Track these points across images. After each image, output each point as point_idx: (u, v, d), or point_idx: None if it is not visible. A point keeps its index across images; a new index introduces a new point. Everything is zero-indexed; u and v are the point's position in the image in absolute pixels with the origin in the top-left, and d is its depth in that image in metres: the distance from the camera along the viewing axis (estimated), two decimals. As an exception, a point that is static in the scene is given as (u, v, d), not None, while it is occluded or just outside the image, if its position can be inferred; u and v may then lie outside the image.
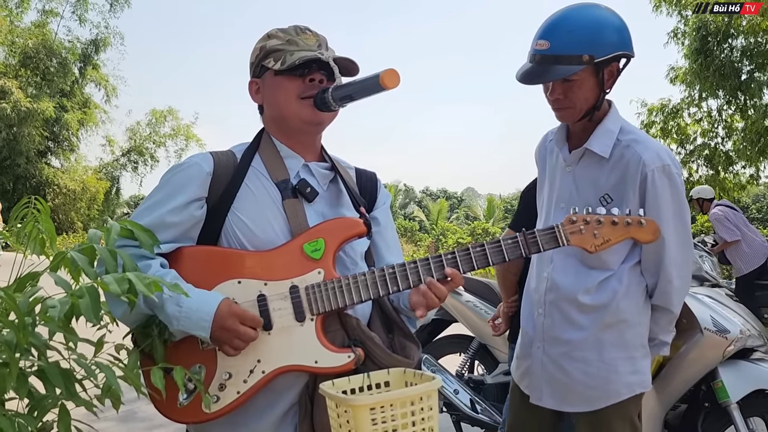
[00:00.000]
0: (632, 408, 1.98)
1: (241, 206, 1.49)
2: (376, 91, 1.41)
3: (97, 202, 24.70)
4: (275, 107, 1.53)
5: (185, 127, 27.16)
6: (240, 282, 1.42)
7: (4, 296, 1.00)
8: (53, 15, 23.40)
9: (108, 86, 24.87)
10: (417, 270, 1.44)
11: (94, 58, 24.30)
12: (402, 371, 1.36)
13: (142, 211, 1.48)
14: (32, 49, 22.11)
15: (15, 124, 20.89)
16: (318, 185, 1.55)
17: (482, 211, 36.70)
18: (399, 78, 1.38)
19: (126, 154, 27.15)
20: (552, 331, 2.01)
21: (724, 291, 3.01)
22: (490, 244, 1.45)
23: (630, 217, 1.49)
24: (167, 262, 1.45)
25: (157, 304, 1.34)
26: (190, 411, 1.39)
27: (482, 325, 3.41)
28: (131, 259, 1.27)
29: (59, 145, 24.46)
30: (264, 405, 1.43)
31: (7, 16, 22.05)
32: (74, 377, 1.18)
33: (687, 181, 13.48)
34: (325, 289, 1.41)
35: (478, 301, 3.51)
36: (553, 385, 2.01)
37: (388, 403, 1.19)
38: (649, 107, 13.68)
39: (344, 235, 1.46)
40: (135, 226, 1.33)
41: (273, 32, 1.54)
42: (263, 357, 1.39)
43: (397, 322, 1.55)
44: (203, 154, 1.54)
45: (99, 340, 1.27)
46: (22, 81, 21.97)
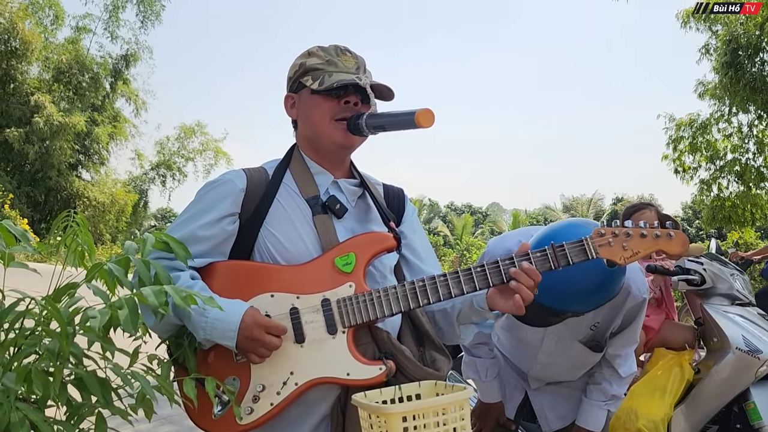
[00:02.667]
0: None
1: (273, 222, 1.52)
2: (409, 127, 1.44)
3: (126, 215, 25.05)
4: (309, 125, 1.56)
5: (214, 142, 27.51)
6: (273, 296, 1.44)
7: (47, 306, 1.03)
8: (86, 31, 23.95)
9: (138, 101, 25.32)
10: (447, 283, 1.44)
11: (124, 73, 24.77)
12: (433, 384, 1.37)
13: (176, 226, 1.52)
14: (65, 65, 22.62)
15: (47, 138, 21.35)
16: (347, 201, 1.58)
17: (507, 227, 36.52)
18: (434, 118, 1.41)
19: (155, 168, 27.57)
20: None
21: (756, 310, 2.96)
22: (520, 256, 1.45)
23: (659, 230, 1.48)
24: (197, 273, 1.47)
25: (185, 314, 1.37)
26: (225, 423, 1.41)
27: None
28: (165, 271, 1.30)
29: (89, 159, 24.91)
30: (297, 417, 1.45)
31: (41, 32, 22.63)
32: (110, 386, 1.20)
33: (717, 198, 13.30)
34: (356, 302, 1.42)
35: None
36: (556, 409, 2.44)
37: (420, 412, 1.20)
38: (677, 122, 13.54)
39: (375, 249, 1.48)
40: (169, 238, 1.36)
41: (314, 50, 1.57)
42: (296, 369, 1.40)
43: (429, 334, 1.56)
44: (237, 171, 1.57)
45: (135, 351, 1.29)
46: (55, 96, 22.48)
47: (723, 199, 13.09)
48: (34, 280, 1.23)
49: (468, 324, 1.59)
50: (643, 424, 2.72)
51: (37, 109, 21.40)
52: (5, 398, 0.97)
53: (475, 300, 1.52)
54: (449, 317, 1.61)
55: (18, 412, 0.97)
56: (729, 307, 2.91)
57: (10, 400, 0.97)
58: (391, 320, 1.51)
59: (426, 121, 1.41)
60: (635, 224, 1.49)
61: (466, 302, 1.55)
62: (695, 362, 2.94)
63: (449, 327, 1.62)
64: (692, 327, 3.08)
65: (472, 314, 1.55)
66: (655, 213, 3.10)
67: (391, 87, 1.54)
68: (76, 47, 23.38)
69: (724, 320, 2.83)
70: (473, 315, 1.55)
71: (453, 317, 1.60)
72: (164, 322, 1.38)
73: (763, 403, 2.70)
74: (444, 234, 33.58)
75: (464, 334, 1.62)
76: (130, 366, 1.25)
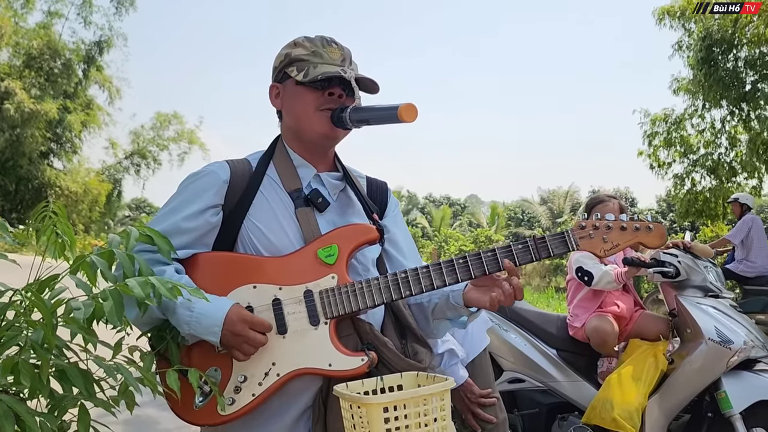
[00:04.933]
0: None
1: (256, 214, 1.51)
2: (392, 122, 1.44)
3: (99, 205, 24.72)
4: (293, 116, 1.56)
5: (189, 131, 27.21)
6: (255, 287, 1.44)
7: (31, 297, 1.02)
8: (58, 16, 23.51)
9: (112, 88, 24.93)
10: (429, 274, 1.45)
11: (98, 60, 24.38)
12: (415, 375, 1.39)
13: (159, 218, 1.51)
14: (36, 50, 22.17)
15: (18, 125, 20.94)
16: (329, 195, 1.57)
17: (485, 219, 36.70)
18: (417, 113, 1.41)
19: (129, 156, 27.21)
20: None
21: (728, 302, 3.03)
22: (501, 249, 1.47)
23: (638, 222, 1.50)
24: (183, 267, 1.47)
25: (170, 309, 1.37)
26: (206, 413, 1.41)
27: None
28: (147, 265, 1.29)
29: (62, 147, 24.50)
30: (278, 408, 1.45)
31: (11, 17, 22.12)
32: (92, 378, 1.19)
33: (690, 192, 13.49)
34: (338, 293, 1.43)
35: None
36: None
37: (401, 403, 1.21)
38: (652, 117, 13.70)
39: (357, 241, 1.48)
40: (153, 232, 1.35)
41: (299, 41, 1.56)
42: (278, 360, 1.41)
43: (411, 327, 1.57)
44: (220, 162, 1.56)
45: (117, 343, 1.28)
46: (26, 82, 22.02)
47: (696, 193, 13.27)
48: (10, 271, 1.21)
49: (442, 320, 1.60)
50: (618, 413, 2.77)
51: (8, 96, 20.97)
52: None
53: (451, 295, 1.54)
54: (425, 311, 1.62)
55: (2, 404, 0.96)
56: (702, 299, 2.97)
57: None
58: (373, 313, 1.52)
59: (409, 116, 1.41)
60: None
61: (442, 297, 1.57)
62: (669, 353, 3.00)
63: (424, 321, 1.63)
64: (666, 318, 3.15)
65: (447, 309, 1.56)
66: (618, 205, 3.17)
67: (376, 80, 1.54)
68: (47, 32, 22.92)
69: (697, 311, 2.89)
70: (448, 310, 1.56)
71: (429, 311, 1.61)
72: (147, 315, 1.36)
73: (734, 392, 2.76)
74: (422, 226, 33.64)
75: (437, 329, 1.63)
76: (113, 358, 1.24)
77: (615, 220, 1.50)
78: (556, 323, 3.32)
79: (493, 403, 2.14)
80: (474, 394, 2.12)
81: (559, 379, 3.14)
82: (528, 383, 3.22)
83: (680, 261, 2.96)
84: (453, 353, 2.03)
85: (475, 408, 2.12)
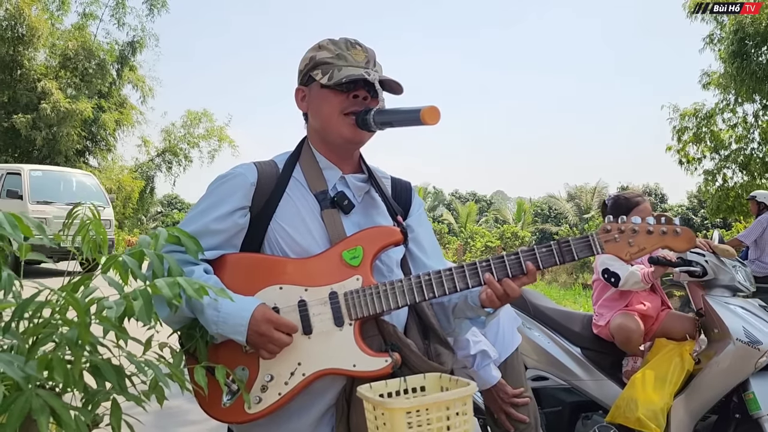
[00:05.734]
0: None
1: (282, 215, 1.55)
2: (415, 124, 1.46)
3: (132, 201, 25.12)
4: (319, 119, 1.59)
5: (218, 129, 27.52)
6: (282, 288, 1.48)
7: (65, 296, 1.07)
8: (92, 18, 23.91)
9: (144, 87, 25.30)
10: (452, 277, 1.47)
11: (131, 60, 24.76)
12: (438, 376, 1.40)
13: (189, 219, 1.55)
14: (72, 51, 22.62)
15: (55, 124, 21.40)
16: (354, 197, 1.60)
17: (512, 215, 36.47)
18: (439, 115, 1.43)
19: (161, 154, 27.59)
20: None
21: (758, 302, 2.99)
22: (525, 252, 1.48)
23: (665, 226, 1.48)
24: (211, 267, 1.51)
25: (198, 308, 1.41)
26: (234, 411, 1.45)
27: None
28: (177, 265, 1.33)
29: (96, 145, 24.95)
30: (302, 406, 1.48)
31: (48, 19, 22.61)
32: (124, 373, 1.25)
33: (721, 188, 13.27)
34: (363, 295, 1.46)
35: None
36: None
37: (423, 408, 1.22)
38: (681, 112, 13.49)
39: (382, 243, 1.51)
40: (181, 232, 1.40)
41: (324, 43, 1.58)
42: (303, 360, 1.44)
43: (434, 328, 1.59)
44: (247, 164, 1.60)
45: (148, 340, 1.34)
46: (62, 82, 22.49)
47: (727, 189, 13.07)
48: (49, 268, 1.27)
49: (463, 319, 1.62)
50: (642, 413, 2.76)
51: (44, 96, 21.43)
52: (27, 385, 1.01)
53: (469, 296, 1.55)
54: (446, 311, 1.64)
55: (39, 399, 1.01)
56: (730, 299, 2.93)
57: (32, 387, 1.01)
58: (397, 313, 1.55)
59: (432, 119, 1.43)
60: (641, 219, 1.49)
61: (461, 297, 1.58)
62: (696, 353, 2.97)
63: (446, 321, 1.65)
64: (693, 318, 3.11)
65: (466, 309, 1.58)
66: (650, 204, 3.13)
67: (400, 82, 1.55)
68: (82, 33, 23.35)
69: (725, 311, 2.85)
70: (467, 310, 1.58)
71: (449, 311, 1.63)
72: (177, 314, 1.42)
73: (762, 393, 2.72)
74: (448, 222, 33.57)
75: (459, 328, 1.66)
76: (144, 354, 1.29)
77: (641, 223, 1.48)
78: (581, 321, 3.30)
79: (526, 403, 2.13)
80: (507, 394, 2.11)
81: (583, 378, 3.13)
82: (551, 381, 3.21)
83: (707, 260, 2.92)
84: (485, 354, 2.04)
85: (508, 408, 2.11)
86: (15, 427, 0.99)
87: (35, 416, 0.99)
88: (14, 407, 0.99)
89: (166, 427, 4.19)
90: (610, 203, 3.25)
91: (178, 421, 4.31)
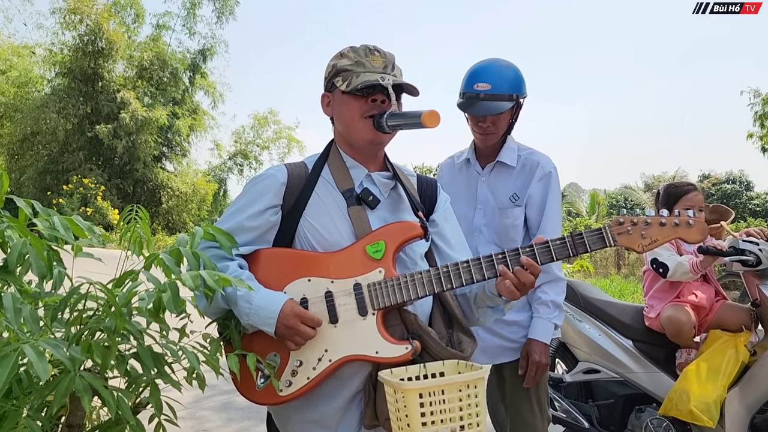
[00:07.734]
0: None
1: (311, 212, 1.66)
2: (417, 127, 1.56)
3: (207, 204, 26.13)
4: (342, 123, 1.69)
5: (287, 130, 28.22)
6: (310, 280, 1.58)
7: (105, 291, 1.20)
8: (165, 29, 25.09)
9: (215, 93, 26.28)
10: (469, 269, 1.54)
11: (201, 67, 25.76)
12: (456, 363, 1.47)
13: (225, 217, 1.68)
14: (147, 61, 23.76)
15: (133, 132, 22.55)
16: (380, 193, 1.70)
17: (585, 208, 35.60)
18: (439, 119, 1.54)
19: (232, 157, 28.57)
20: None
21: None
22: (539, 245, 1.53)
23: (678, 218, 1.50)
24: (246, 263, 1.63)
25: (232, 301, 1.54)
26: (267, 394, 1.57)
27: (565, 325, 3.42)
28: (210, 261, 1.45)
29: (172, 150, 26.09)
30: (332, 391, 1.59)
31: (125, 32, 23.80)
32: (164, 360, 1.38)
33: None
34: (385, 286, 1.54)
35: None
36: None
37: (437, 389, 1.30)
38: (763, 97, 12.86)
39: (403, 237, 1.59)
40: (216, 230, 1.52)
41: (345, 51, 1.69)
42: (330, 347, 1.54)
43: (457, 317, 1.66)
44: (279, 166, 1.72)
45: (182, 329, 1.47)
46: (139, 92, 23.66)
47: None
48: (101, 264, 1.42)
49: (484, 308, 1.68)
50: (694, 405, 2.71)
51: (123, 105, 22.61)
52: (73, 367, 1.14)
53: (486, 285, 1.62)
54: (468, 301, 1.71)
55: (83, 380, 1.14)
56: (789, 289, 2.84)
57: (76, 369, 1.14)
58: (422, 304, 1.63)
59: (431, 122, 1.53)
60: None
61: (480, 287, 1.65)
62: (751, 344, 2.89)
63: (469, 311, 1.72)
64: (749, 308, 3.03)
65: (485, 299, 1.64)
66: (702, 196, 3.04)
67: (416, 85, 1.64)
68: (157, 44, 24.47)
69: (782, 302, 2.77)
70: (487, 300, 1.64)
71: (471, 301, 1.70)
72: (214, 305, 1.55)
73: (823, 386, 2.63)
74: (519, 217, 32.98)
75: (483, 317, 1.71)
76: (179, 341, 1.41)
77: (654, 215, 1.52)
78: (632, 314, 3.25)
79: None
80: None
81: (636, 370, 3.10)
82: (603, 374, 3.20)
83: (761, 249, 2.83)
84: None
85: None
86: (60, 403, 1.12)
87: (78, 395, 1.13)
88: (60, 386, 1.13)
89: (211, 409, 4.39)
90: (662, 192, 3.19)
91: (238, 415, 4.51)
